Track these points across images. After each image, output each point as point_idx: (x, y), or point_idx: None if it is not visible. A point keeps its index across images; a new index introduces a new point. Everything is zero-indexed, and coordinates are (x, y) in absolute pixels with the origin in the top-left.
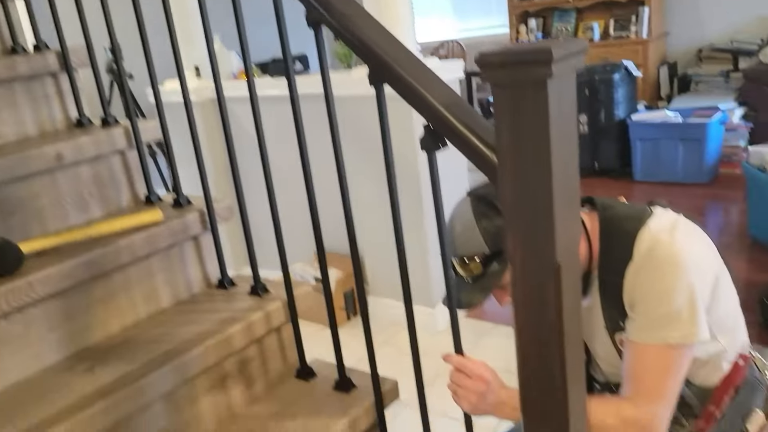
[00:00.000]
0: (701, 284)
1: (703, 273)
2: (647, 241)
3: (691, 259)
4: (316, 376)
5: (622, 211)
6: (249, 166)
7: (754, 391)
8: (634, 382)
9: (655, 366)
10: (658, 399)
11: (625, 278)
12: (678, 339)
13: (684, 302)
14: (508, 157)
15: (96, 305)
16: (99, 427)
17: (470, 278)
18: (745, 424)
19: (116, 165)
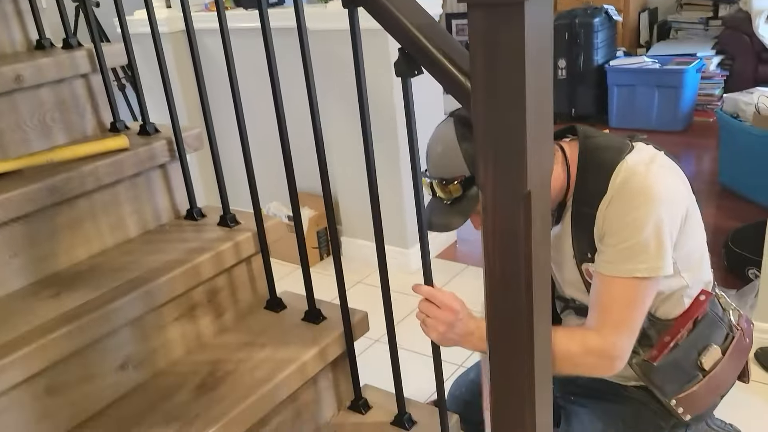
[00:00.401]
0: (671, 219)
1: (674, 208)
2: (623, 173)
3: (664, 193)
4: (285, 307)
5: (603, 142)
6: (221, 103)
7: (713, 326)
8: (600, 313)
9: (622, 298)
10: (623, 329)
11: (598, 210)
12: (644, 272)
13: (652, 235)
14: (482, 82)
15: (61, 232)
16: (63, 351)
17: (449, 200)
18: (700, 357)
19: (80, 90)
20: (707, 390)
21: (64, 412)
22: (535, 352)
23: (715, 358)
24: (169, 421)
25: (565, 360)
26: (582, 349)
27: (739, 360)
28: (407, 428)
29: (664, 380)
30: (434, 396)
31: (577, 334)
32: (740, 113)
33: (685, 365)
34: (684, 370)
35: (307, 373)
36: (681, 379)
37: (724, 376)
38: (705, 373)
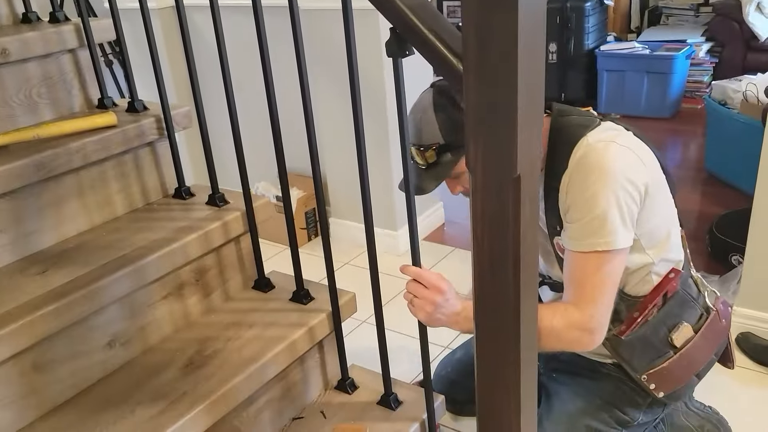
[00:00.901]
0: (628, 195)
1: (630, 184)
2: (582, 149)
3: (620, 169)
4: (274, 287)
5: (573, 120)
6: (210, 82)
7: (685, 305)
8: (574, 288)
9: (590, 272)
10: (598, 302)
11: (561, 184)
12: (603, 246)
13: (608, 210)
14: (474, 64)
15: (48, 209)
16: (50, 328)
17: (424, 166)
18: (670, 334)
19: (67, 65)
20: (678, 367)
21: (52, 388)
22: (521, 333)
23: (686, 336)
24: (157, 399)
25: (549, 335)
26: (565, 323)
27: (714, 340)
28: (393, 408)
29: (632, 355)
30: (420, 376)
31: (559, 308)
32: (728, 101)
33: (654, 341)
34: (653, 346)
35: (294, 352)
36: (650, 354)
37: (697, 355)
38: (676, 350)
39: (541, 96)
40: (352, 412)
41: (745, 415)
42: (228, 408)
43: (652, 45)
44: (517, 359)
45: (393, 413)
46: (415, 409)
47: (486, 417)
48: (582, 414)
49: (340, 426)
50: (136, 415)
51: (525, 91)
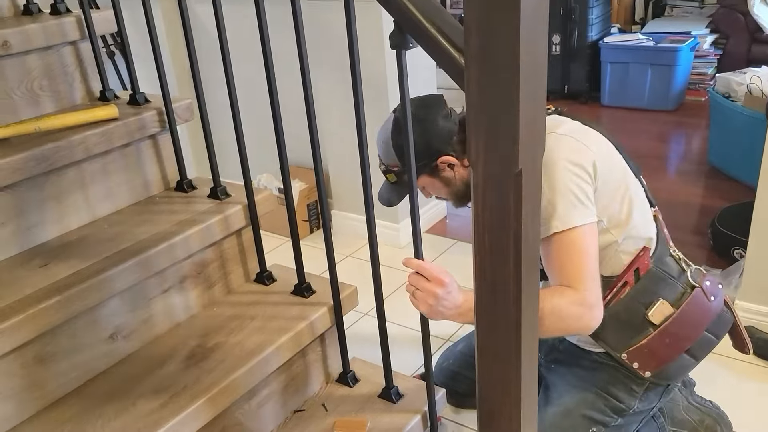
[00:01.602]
0: (573, 175)
1: (574, 165)
2: None
3: (558, 155)
4: (275, 280)
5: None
6: (212, 74)
7: (661, 283)
8: (558, 273)
9: (564, 253)
10: (585, 277)
11: None
12: (561, 226)
13: (555, 194)
14: (475, 58)
15: (49, 201)
16: (52, 321)
17: (392, 182)
18: (647, 311)
19: (68, 57)
20: (661, 345)
21: (54, 381)
22: (522, 327)
23: (664, 313)
24: (158, 392)
25: (552, 314)
26: (566, 301)
27: (700, 317)
28: (394, 401)
29: (607, 332)
30: (422, 369)
31: (556, 289)
32: (732, 93)
33: (630, 318)
34: (630, 324)
35: (296, 345)
36: (628, 332)
37: (680, 332)
38: (655, 327)
39: (543, 90)
40: (354, 405)
41: (746, 410)
42: (229, 401)
43: (656, 37)
44: (518, 352)
45: (394, 406)
46: (416, 402)
47: (487, 409)
48: (578, 404)
49: (342, 419)
50: (137, 408)
51: (527, 86)
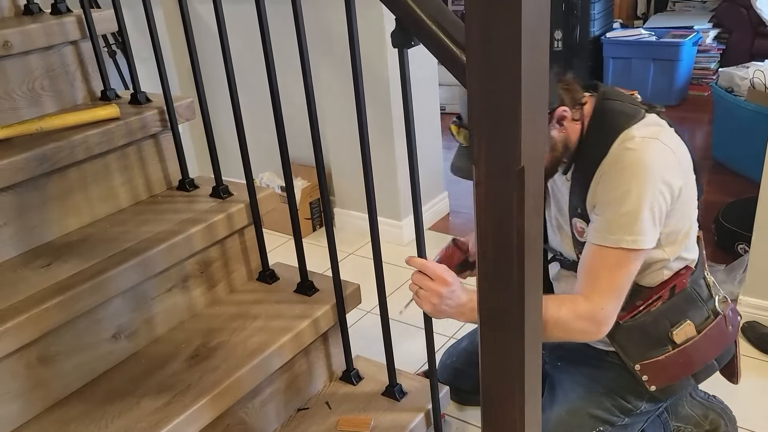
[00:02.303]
0: (661, 196)
1: (666, 185)
2: (624, 142)
3: (657, 170)
4: (278, 279)
5: (617, 106)
6: (214, 72)
7: (692, 304)
8: (588, 279)
9: (609, 266)
10: (611, 295)
11: (596, 171)
12: (630, 244)
13: (640, 209)
14: (477, 55)
15: (51, 202)
16: (55, 321)
17: (464, 146)
18: (672, 329)
19: (69, 57)
20: (675, 363)
21: (57, 381)
22: (525, 324)
23: (688, 334)
24: (162, 391)
25: (556, 326)
26: (572, 315)
27: (716, 344)
28: (398, 399)
29: (628, 342)
30: (425, 367)
31: (567, 300)
32: (735, 88)
33: (653, 332)
34: (651, 337)
35: (299, 344)
36: (647, 345)
37: (696, 355)
38: (675, 345)
39: (545, 86)
40: (357, 403)
41: (749, 405)
42: (233, 399)
43: (658, 32)
44: (522, 349)
45: (398, 404)
46: (420, 400)
47: (490, 407)
48: (584, 403)
49: (346, 417)
50: (141, 407)
51: (529, 82)
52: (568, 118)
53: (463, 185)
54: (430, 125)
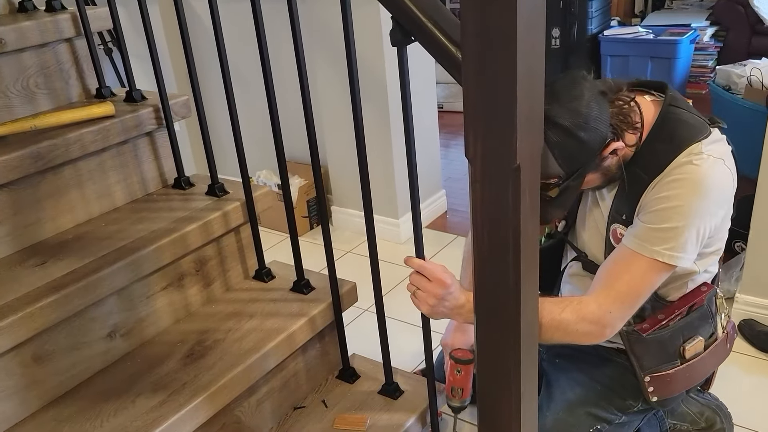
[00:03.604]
0: (711, 219)
1: (717, 210)
2: (691, 157)
3: (717, 194)
4: (274, 277)
5: (685, 116)
6: (209, 70)
7: (704, 320)
8: (607, 280)
9: (635, 274)
10: (624, 302)
11: (654, 180)
12: (666, 258)
13: (688, 228)
14: (472, 53)
15: (46, 200)
16: (50, 320)
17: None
18: (684, 344)
19: (64, 55)
20: (681, 377)
21: (52, 380)
22: (521, 322)
23: (697, 350)
24: (157, 389)
25: (557, 329)
26: (575, 317)
27: (716, 361)
28: (395, 397)
29: (645, 354)
30: (422, 365)
31: (571, 302)
32: (732, 86)
33: (668, 347)
34: (666, 352)
35: (295, 342)
36: (661, 358)
37: (699, 370)
38: (684, 360)
39: (541, 84)
40: (354, 402)
41: (745, 402)
42: (229, 398)
43: (656, 29)
44: (518, 348)
45: (395, 402)
46: (416, 398)
47: (487, 406)
48: (582, 402)
49: (342, 416)
50: (136, 406)
51: (525, 80)
52: (622, 149)
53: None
54: (428, 123)
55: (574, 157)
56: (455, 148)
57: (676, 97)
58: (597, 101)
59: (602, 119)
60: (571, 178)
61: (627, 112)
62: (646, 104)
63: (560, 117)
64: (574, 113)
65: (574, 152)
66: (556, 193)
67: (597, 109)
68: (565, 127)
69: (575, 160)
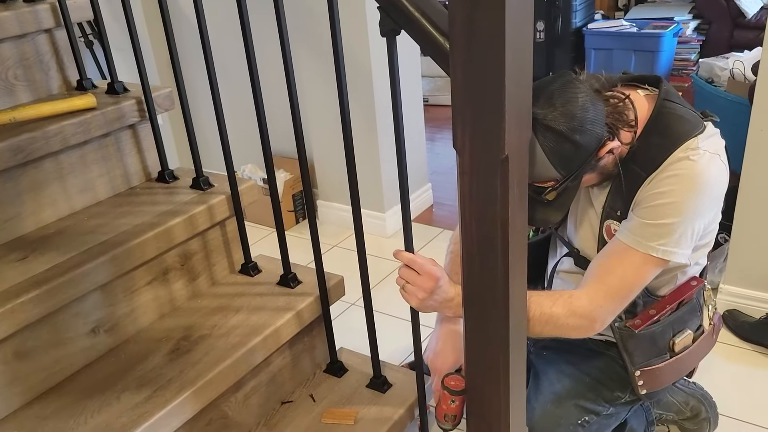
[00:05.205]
0: (706, 215)
1: (714, 207)
2: (688, 152)
3: (713, 190)
4: (260, 271)
5: (680, 111)
6: (193, 63)
7: (693, 314)
8: (600, 274)
9: (627, 268)
10: (615, 297)
11: (650, 175)
12: (660, 254)
13: (683, 224)
14: (460, 43)
15: (26, 194)
16: (32, 315)
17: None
18: (674, 338)
19: (43, 46)
20: (669, 371)
21: (35, 376)
22: (510, 314)
23: (686, 343)
24: (143, 385)
25: (548, 322)
26: (565, 311)
27: (703, 353)
28: (383, 391)
29: (636, 349)
30: (411, 358)
31: (562, 296)
32: (715, 78)
33: (659, 342)
34: (657, 346)
35: (282, 337)
36: (651, 353)
37: (687, 363)
38: (673, 354)
39: (529, 74)
40: (342, 396)
41: (730, 391)
42: (216, 393)
43: (639, 23)
44: (506, 340)
45: (383, 396)
46: (405, 392)
47: (475, 398)
48: (570, 394)
49: (330, 410)
50: (121, 402)
51: (513, 70)
52: (618, 147)
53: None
54: (414, 117)
55: (571, 161)
56: (441, 141)
57: (670, 91)
58: (592, 101)
59: (598, 120)
60: (568, 181)
61: (622, 110)
62: (640, 100)
63: (555, 121)
64: (569, 117)
65: (570, 156)
66: (553, 197)
67: (592, 111)
68: (560, 132)
69: (572, 163)
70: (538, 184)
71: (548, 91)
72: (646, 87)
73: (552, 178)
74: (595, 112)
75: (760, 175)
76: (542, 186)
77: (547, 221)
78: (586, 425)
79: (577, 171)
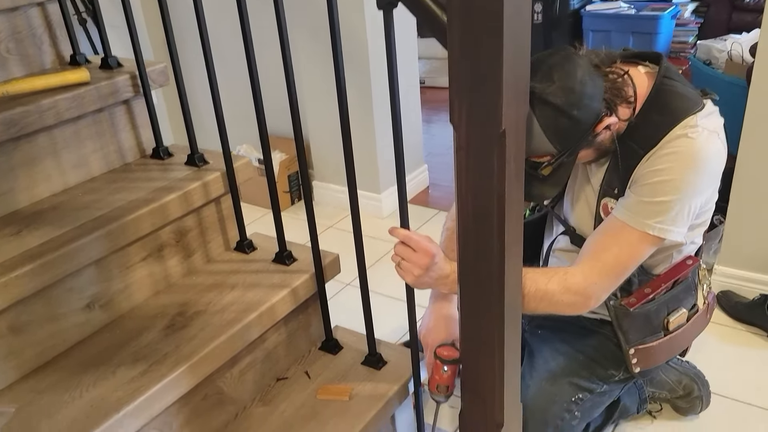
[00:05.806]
0: (703, 194)
1: (711, 185)
2: (687, 129)
3: (711, 168)
4: (256, 249)
5: (679, 88)
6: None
7: (688, 292)
8: (596, 252)
9: (623, 245)
10: (610, 274)
11: (648, 152)
12: (656, 231)
13: (680, 202)
14: (458, 16)
15: (20, 168)
16: (26, 289)
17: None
18: (668, 317)
19: (36, 19)
20: (664, 349)
21: (30, 351)
22: (505, 291)
23: (680, 322)
24: (138, 360)
25: (543, 299)
26: (560, 288)
27: (697, 331)
28: (378, 368)
29: (631, 327)
30: (406, 337)
31: (557, 273)
32: (713, 61)
33: (653, 320)
34: (651, 324)
35: (277, 313)
36: (646, 331)
37: (681, 341)
38: (667, 332)
39: (527, 48)
40: (337, 372)
41: (723, 371)
42: (211, 369)
43: (637, 5)
44: (501, 317)
45: (378, 373)
46: (400, 369)
47: (470, 375)
48: (564, 372)
49: (325, 386)
50: (117, 376)
51: (511, 44)
52: (615, 123)
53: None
54: (410, 98)
55: (568, 136)
56: (437, 123)
57: (670, 68)
58: (590, 76)
59: (596, 95)
60: (564, 156)
61: (620, 86)
62: (639, 76)
63: (553, 95)
64: (567, 91)
65: (567, 130)
66: (549, 171)
67: (591, 85)
68: (557, 106)
69: (569, 138)
70: (534, 159)
71: (547, 65)
72: (647, 64)
73: (548, 153)
74: (593, 87)
75: (756, 156)
76: (538, 161)
77: (543, 196)
78: (580, 402)
79: (574, 146)
